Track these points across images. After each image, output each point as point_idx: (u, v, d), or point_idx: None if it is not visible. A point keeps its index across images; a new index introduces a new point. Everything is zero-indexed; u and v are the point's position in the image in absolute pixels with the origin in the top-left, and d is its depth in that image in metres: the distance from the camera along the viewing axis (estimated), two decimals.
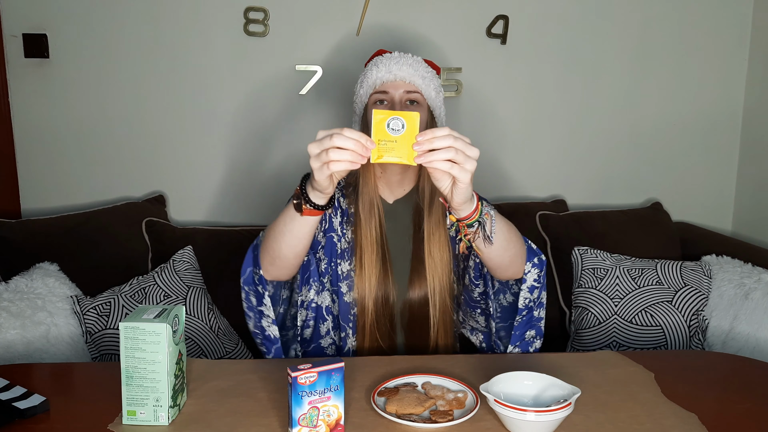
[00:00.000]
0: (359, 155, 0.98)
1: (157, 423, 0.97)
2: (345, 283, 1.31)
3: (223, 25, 2.02)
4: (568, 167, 2.25)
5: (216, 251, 1.91)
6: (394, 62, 1.30)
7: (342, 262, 1.32)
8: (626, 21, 2.18)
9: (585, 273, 1.93)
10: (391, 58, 1.31)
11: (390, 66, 1.29)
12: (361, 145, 0.98)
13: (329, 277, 1.32)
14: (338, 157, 0.98)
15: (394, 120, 0.99)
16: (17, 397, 1.01)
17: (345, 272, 1.32)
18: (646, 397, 1.07)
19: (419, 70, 1.30)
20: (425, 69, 1.32)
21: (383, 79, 1.29)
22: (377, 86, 1.30)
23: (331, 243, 1.32)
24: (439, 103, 1.36)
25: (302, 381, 0.91)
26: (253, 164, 2.11)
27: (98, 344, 1.65)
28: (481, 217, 1.09)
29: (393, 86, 1.29)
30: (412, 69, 1.29)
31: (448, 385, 1.09)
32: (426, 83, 1.31)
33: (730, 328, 1.76)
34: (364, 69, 1.36)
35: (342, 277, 1.31)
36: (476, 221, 1.09)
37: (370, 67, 1.33)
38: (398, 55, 1.32)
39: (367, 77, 1.32)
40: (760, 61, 2.20)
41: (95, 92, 2.02)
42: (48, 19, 1.96)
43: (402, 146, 0.99)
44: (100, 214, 1.93)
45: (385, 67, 1.30)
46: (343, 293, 1.31)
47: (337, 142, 0.98)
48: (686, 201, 2.31)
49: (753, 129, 2.25)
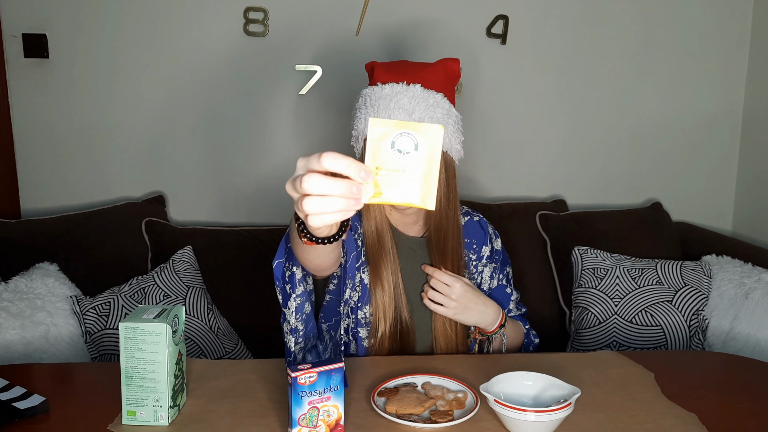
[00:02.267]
0: (349, 200, 0.65)
1: (157, 423, 0.97)
2: (365, 329, 1.25)
3: (223, 25, 2.02)
4: (568, 167, 2.25)
5: (216, 251, 1.91)
6: (382, 108, 1.13)
7: (366, 307, 1.25)
8: (626, 21, 2.18)
9: (585, 273, 1.93)
10: (381, 100, 1.14)
11: (399, 115, 1.13)
12: (348, 187, 0.64)
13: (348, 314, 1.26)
14: (316, 209, 0.64)
15: (402, 137, 0.65)
16: (17, 398, 1.01)
17: (367, 317, 1.26)
18: (646, 397, 1.07)
19: (415, 112, 1.13)
20: (424, 105, 1.14)
21: None
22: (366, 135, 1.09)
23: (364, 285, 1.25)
24: (458, 147, 1.21)
25: (302, 381, 0.91)
26: (253, 164, 2.11)
27: (98, 344, 1.65)
28: (491, 337, 1.30)
29: None
30: (405, 114, 1.13)
31: (448, 385, 1.09)
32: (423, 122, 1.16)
33: (730, 328, 1.76)
34: (361, 93, 1.22)
35: (364, 323, 1.25)
36: (489, 336, 1.30)
37: (360, 105, 1.19)
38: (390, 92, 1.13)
39: (357, 123, 1.19)
40: (760, 61, 2.20)
41: (95, 92, 2.02)
42: (48, 19, 1.96)
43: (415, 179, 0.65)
44: (100, 214, 1.92)
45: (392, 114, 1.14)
46: (362, 338, 1.26)
47: (310, 188, 0.64)
48: (686, 201, 2.31)
49: (753, 129, 2.25)
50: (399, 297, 1.25)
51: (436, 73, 1.19)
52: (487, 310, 1.26)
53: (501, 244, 1.43)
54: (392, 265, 1.25)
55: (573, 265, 1.97)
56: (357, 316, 1.25)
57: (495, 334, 1.29)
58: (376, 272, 1.23)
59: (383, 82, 1.16)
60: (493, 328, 1.28)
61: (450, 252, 1.28)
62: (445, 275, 1.23)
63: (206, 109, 2.07)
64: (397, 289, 1.25)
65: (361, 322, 1.25)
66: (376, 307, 1.24)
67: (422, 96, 1.14)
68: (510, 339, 1.34)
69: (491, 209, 2.04)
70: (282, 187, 2.11)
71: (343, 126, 2.08)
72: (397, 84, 1.15)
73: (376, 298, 1.24)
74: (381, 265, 1.23)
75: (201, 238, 1.93)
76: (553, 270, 2.03)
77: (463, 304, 1.23)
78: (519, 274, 1.79)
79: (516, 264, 1.66)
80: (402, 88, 1.14)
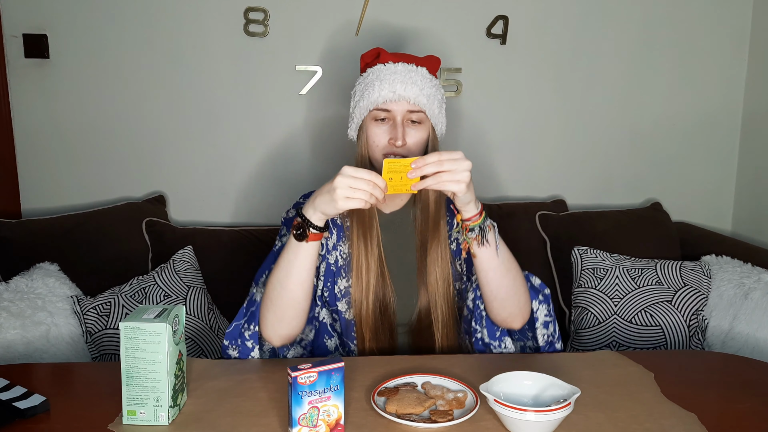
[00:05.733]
0: (375, 197, 1.08)
1: (157, 423, 0.97)
2: (344, 301, 1.29)
3: (223, 25, 2.02)
4: (567, 167, 2.25)
5: (216, 251, 1.91)
6: (398, 81, 1.24)
7: (339, 280, 1.30)
8: (626, 21, 2.18)
9: (585, 273, 1.93)
10: (395, 74, 1.25)
11: (394, 85, 1.24)
12: (379, 189, 1.08)
13: (326, 299, 1.31)
14: (359, 196, 1.07)
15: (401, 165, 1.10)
16: (17, 397, 1.02)
17: (343, 289, 1.30)
18: (645, 397, 1.07)
19: (425, 88, 1.25)
20: (430, 84, 1.27)
21: (386, 98, 1.24)
22: (379, 104, 1.25)
23: (327, 264, 1.30)
24: (442, 119, 1.32)
25: (302, 381, 0.91)
26: (253, 164, 2.11)
27: (98, 344, 1.66)
28: (483, 225, 1.16)
29: (396, 104, 1.24)
30: (417, 88, 1.24)
31: (448, 385, 1.09)
32: (431, 101, 1.26)
33: (730, 328, 1.76)
34: (364, 75, 1.31)
35: (340, 296, 1.29)
36: (478, 226, 1.16)
37: (372, 80, 1.27)
38: (403, 69, 1.25)
39: (368, 92, 1.26)
40: (760, 61, 2.21)
41: (95, 92, 2.02)
42: (48, 19, 1.96)
43: (405, 180, 1.11)
44: (100, 214, 1.93)
45: (388, 85, 1.24)
46: (342, 311, 1.30)
47: (362, 185, 1.06)
48: (686, 201, 2.31)
49: (753, 129, 2.25)
50: (382, 268, 1.28)
51: (428, 62, 1.33)
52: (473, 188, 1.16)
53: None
54: (376, 237, 1.28)
55: (573, 265, 1.97)
56: (334, 290, 1.29)
57: (486, 219, 1.16)
58: (360, 245, 1.27)
59: (394, 61, 1.27)
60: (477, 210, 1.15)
61: (434, 214, 1.29)
62: (443, 152, 1.09)
63: (206, 109, 2.07)
64: (380, 262, 1.28)
65: (338, 296, 1.29)
66: (359, 279, 1.26)
67: (428, 78, 1.28)
68: (501, 242, 1.19)
69: (491, 209, 2.04)
70: (282, 187, 2.11)
71: (343, 126, 2.07)
72: (407, 63, 1.27)
73: (360, 272, 1.26)
74: (365, 237, 1.27)
75: (201, 238, 1.93)
76: (553, 270, 2.03)
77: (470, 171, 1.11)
78: None
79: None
80: (412, 68, 1.27)
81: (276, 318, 1.18)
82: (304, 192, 1.37)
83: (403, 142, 1.23)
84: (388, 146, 1.24)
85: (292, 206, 1.38)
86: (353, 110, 1.33)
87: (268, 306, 1.18)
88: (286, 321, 1.18)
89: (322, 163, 2.12)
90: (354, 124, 1.33)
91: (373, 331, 1.28)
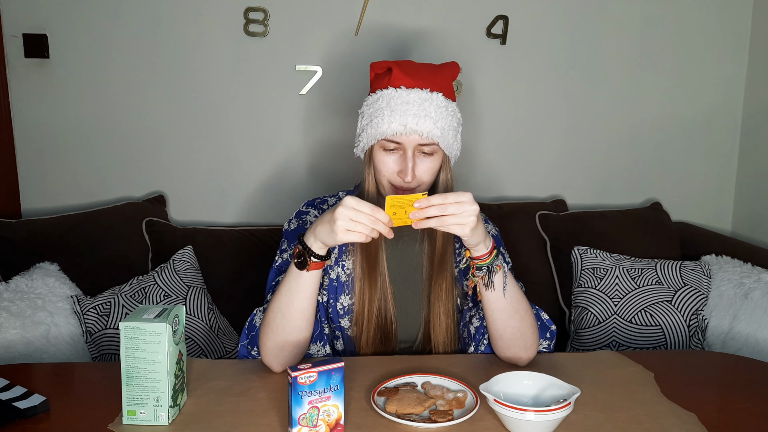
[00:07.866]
0: (378, 231, 1.04)
1: (157, 423, 0.97)
2: (347, 318, 1.27)
3: (223, 25, 2.02)
4: (567, 167, 2.25)
5: (216, 251, 1.91)
6: (411, 113, 1.15)
7: (342, 297, 1.27)
8: (626, 21, 2.18)
9: (585, 273, 1.93)
10: (408, 105, 1.16)
11: (405, 118, 1.15)
12: (382, 224, 1.04)
13: (329, 314, 1.29)
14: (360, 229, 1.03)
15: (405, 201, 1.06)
16: (17, 397, 1.02)
17: (345, 306, 1.27)
18: (645, 397, 1.07)
19: (439, 120, 1.17)
20: (446, 114, 1.18)
21: (396, 131, 1.16)
22: (388, 136, 1.17)
23: (330, 280, 1.27)
24: (457, 145, 1.23)
25: (302, 381, 0.91)
26: (253, 164, 2.11)
27: (98, 344, 1.66)
28: (491, 265, 1.11)
29: (407, 138, 1.17)
30: (431, 122, 1.16)
31: (447, 385, 1.09)
32: (445, 132, 1.18)
33: (730, 327, 1.76)
34: (374, 96, 1.21)
35: (342, 312, 1.27)
36: (486, 266, 1.12)
37: (382, 107, 1.18)
38: (416, 98, 1.16)
39: (377, 120, 1.18)
40: (760, 61, 2.21)
41: (95, 92, 2.02)
42: (48, 19, 1.96)
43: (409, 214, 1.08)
44: (100, 214, 1.93)
45: (399, 117, 1.15)
46: (345, 328, 1.28)
47: (364, 219, 1.03)
48: (686, 201, 2.31)
49: (753, 129, 2.25)
50: (384, 286, 1.26)
51: (446, 79, 1.23)
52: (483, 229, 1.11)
53: (495, 231, 1.40)
54: (381, 260, 1.26)
55: (573, 265, 1.97)
56: (336, 307, 1.27)
57: (495, 259, 1.11)
58: (366, 262, 1.24)
59: (408, 86, 1.18)
60: (486, 250, 1.11)
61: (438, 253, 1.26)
62: (449, 195, 1.05)
63: (206, 109, 2.07)
64: (382, 278, 1.26)
65: (340, 313, 1.27)
66: (362, 295, 1.24)
67: (444, 105, 1.19)
68: (510, 283, 1.16)
69: (491, 209, 2.05)
70: (282, 187, 2.11)
71: (343, 126, 2.08)
72: (421, 90, 1.18)
73: (363, 288, 1.24)
74: (372, 254, 1.24)
75: (201, 238, 1.93)
76: (553, 270, 2.03)
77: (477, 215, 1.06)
78: (518, 275, 1.77)
79: (516, 264, 1.66)
80: (427, 96, 1.18)
81: (277, 346, 1.13)
82: (307, 199, 1.36)
83: (412, 177, 1.17)
84: (397, 178, 1.19)
85: (294, 215, 1.34)
86: (360, 132, 1.24)
87: (268, 334, 1.13)
88: (287, 350, 1.14)
89: (322, 163, 2.12)
90: (361, 145, 1.24)
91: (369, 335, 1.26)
